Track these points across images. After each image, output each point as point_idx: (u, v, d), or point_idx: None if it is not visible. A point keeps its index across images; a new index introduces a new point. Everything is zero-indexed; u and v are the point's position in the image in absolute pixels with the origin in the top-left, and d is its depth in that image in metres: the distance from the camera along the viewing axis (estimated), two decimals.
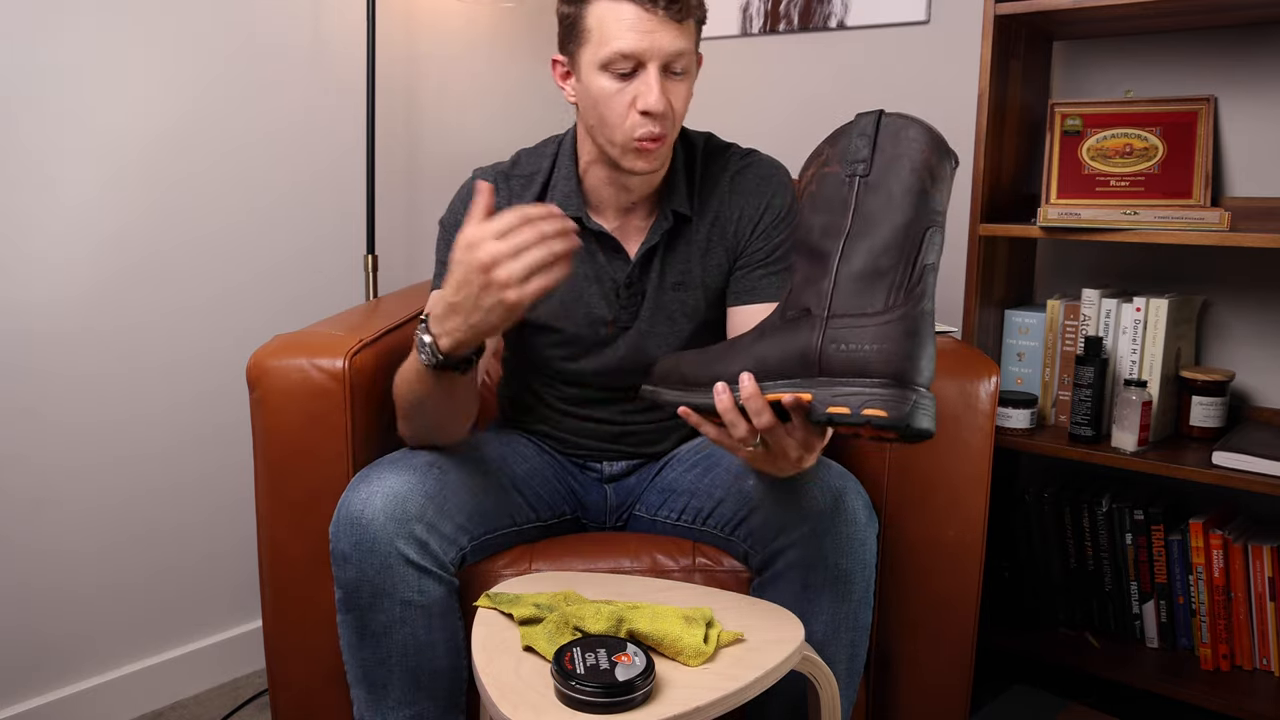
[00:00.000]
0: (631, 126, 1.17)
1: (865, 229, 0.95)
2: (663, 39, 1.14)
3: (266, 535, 1.28)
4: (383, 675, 1.13)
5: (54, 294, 1.57)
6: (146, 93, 1.64)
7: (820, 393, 0.92)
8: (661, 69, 1.16)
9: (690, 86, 1.22)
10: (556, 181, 1.30)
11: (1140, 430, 1.56)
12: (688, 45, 1.17)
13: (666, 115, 1.17)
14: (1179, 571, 1.62)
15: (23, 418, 1.55)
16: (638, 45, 1.14)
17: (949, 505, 1.29)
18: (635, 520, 1.37)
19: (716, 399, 0.98)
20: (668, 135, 1.19)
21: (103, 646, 1.68)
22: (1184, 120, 1.63)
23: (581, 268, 1.30)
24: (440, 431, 1.20)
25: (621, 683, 0.87)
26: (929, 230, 0.93)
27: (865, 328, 0.91)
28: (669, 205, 1.28)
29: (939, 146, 0.96)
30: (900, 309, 0.91)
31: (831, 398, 0.91)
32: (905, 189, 0.94)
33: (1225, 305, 1.69)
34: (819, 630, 1.13)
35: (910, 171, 0.95)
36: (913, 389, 0.89)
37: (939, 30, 1.91)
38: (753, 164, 1.32)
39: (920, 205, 0.94)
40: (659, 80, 1.15)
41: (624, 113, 1.17)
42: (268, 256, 1.83)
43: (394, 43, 1.98)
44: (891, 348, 0.89)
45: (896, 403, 0.88)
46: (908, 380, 0.89)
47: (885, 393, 0.89)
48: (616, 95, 1.17)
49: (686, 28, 1.17)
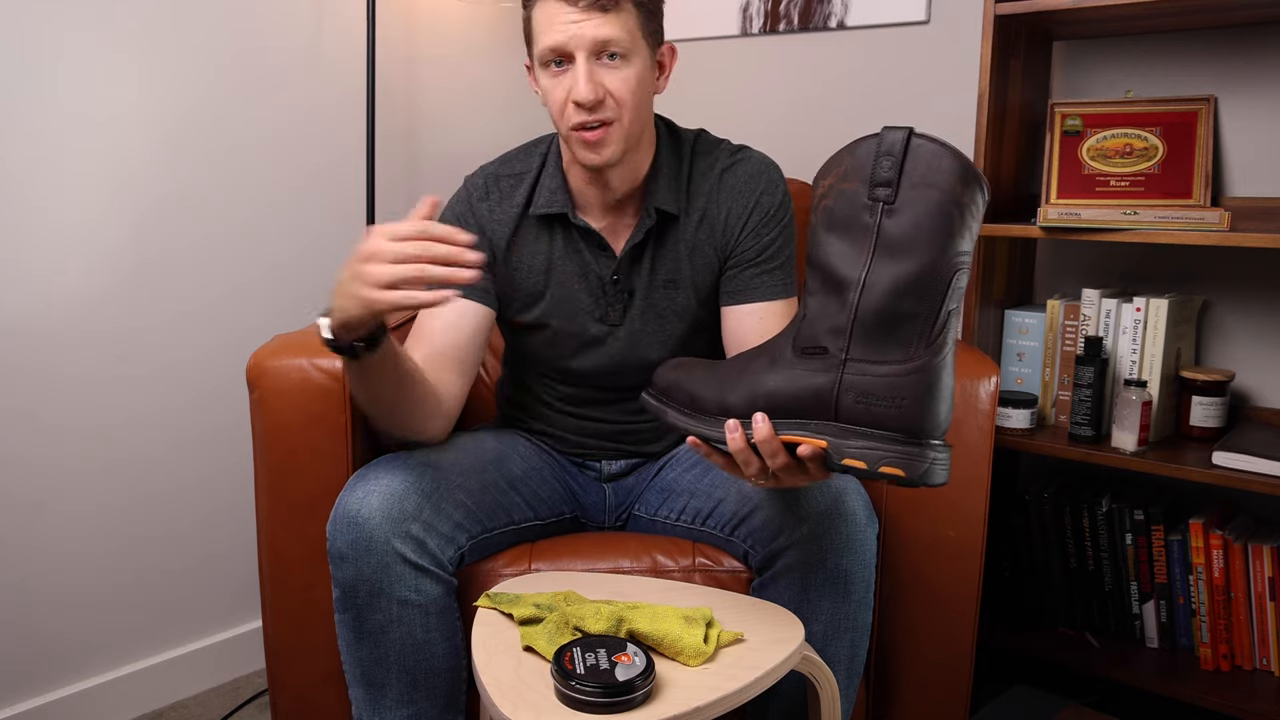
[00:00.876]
0: (568, 117, 1.19)
1: (887, 263, 0.91)
2: (586, 28, 1.16)
3: (266, 535, 1.28)
4: (381, 675, 1.13)
5: (54, 295, 1.57)
6: (147, 94, 1.64)
7: (836, 442, 0.91)
8: (593, 57, 1.17)
9: (636, 70, 1.20)
10: (544, 180, 1.31)
11: (1140, 430, 1.56)
12: (616, 32, 1.17)
13: (604, 102, 1.18)
14: (1179, 571, 1.62)
15: (22, 419, 1.55)
16: (559, 38, 1.17)
17: (949, 505, 1.29)
18: (635, 520, 1.37)
19: (729, 437, 0.97)
20: (614, 122, 1.19)
21: (103, 646, 1.68)
22: (1184, 120, 1.63)
23: (569, 265, 1.30)
24: (397, 425, 1.19)
25: (621, 683, 0.87)
26: (956, 274, 0.89)
27: (883, 378, 0.89)
28: (653, 203, 1.28)
29: (971, 179, 0.89)
30: (921, 359, 0.89)
31: (847, 449, 0.91)
32: (933, 226, 0.89)
33: (1225, 305, 1.69)
34: (819, 630, 1.13)
35: (939, 206, 0.89)
36: (929, 445, 0.88)
37: (939, 30, 1.91)
38: (742, 161, 1.31)
39: (947, 246, 0.89)
40: (586, 69, 1.17)
41: (562, 106, 1.20)
42: (268, 256, 1.83)
43: (394, 43, 1.98)
44: (910, 403, 0.88)
45: (913, 461, 0.88)
46: (924, 435, 0.88)
47: (901, 450, 0.88)
48: (555, 90, 1.20)
49: (619, 15, 1.17)
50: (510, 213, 1.31)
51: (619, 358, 1.32)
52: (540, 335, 1.33)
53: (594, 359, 1.33)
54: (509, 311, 1.33)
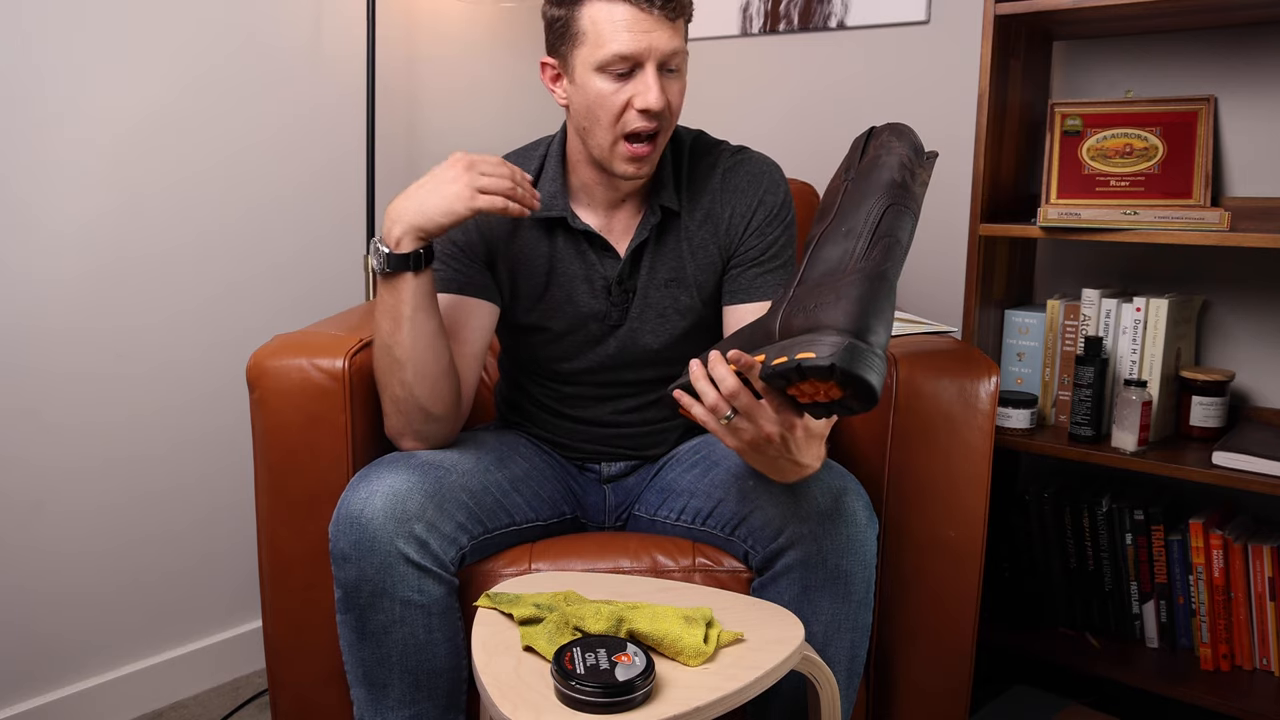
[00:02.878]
0: (627, 123, 1.18)
1: (842, 220, 1.03)
2: (659, 38, 1.15)
3: (266, 535, 1.28)
4: (383, 675, 1.13)
5: (54, 294, 1.57)
6: (147, 93, 1.64)
7: (771, 351, 0.95)
8: (658, 67, 1.17)
9: (684, 84, 1.23)
10: (543, 183, 1.30)
11: (1140, 430, 1.56)
12: (681, 44, 1.19)
13: (664, 113, 1.18)
14: (1179, 571, 1.62)
15: (22, 418, 1.55)
16: (635, 46, 1.14)
17: (949, 505, 1.28)
18: (635, 520, 1.37)
19: (690, 372, 1.02)
20: (662, 133, 1.21)
21: (102, 646, 1.68)
22: (1184, 120, 1.63)
23: (571, 267, 1.30)
24: (424, 390, 1.17)
25: (621, 683, 0.87)
26: (890, 207, 1.00)
27: (820, 290, 0.96)
28: (657, 200, 1.28)
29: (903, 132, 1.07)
30: (855, 272, 0.95)
31: (778, 352, 0.93)
32: (881, 181, 1.03)
33: (1225, 305, 1.69)
34: (819, 631, 1.13)
35: (885, 167, 1.03)
36: (855, 339, 0.89)
37: (939, 30, 1.91)
38: (744, 161, 1.32)
39: (890, 190, 1.02)
40: (658, 79, 1.16)
41: (618, 112, 1.18)
42: (268, 256, 1.83)
43: (394, 43, 1.98)
44: (839, 301, 0.92)
45: (831, 347, 0.89)
46: (852, 331, 0.90)
47: (824, 339, 0.90)
48: (613, 96, 1.17)
49: (679, 26, 1.18)
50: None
51: (616, 354, 1.32)
52: (539, 336, 1.33)
53: (592, 358, 1.33)
54: (509, 314, 1.33)
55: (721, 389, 0.99)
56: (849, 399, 0.91)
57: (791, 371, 0.90)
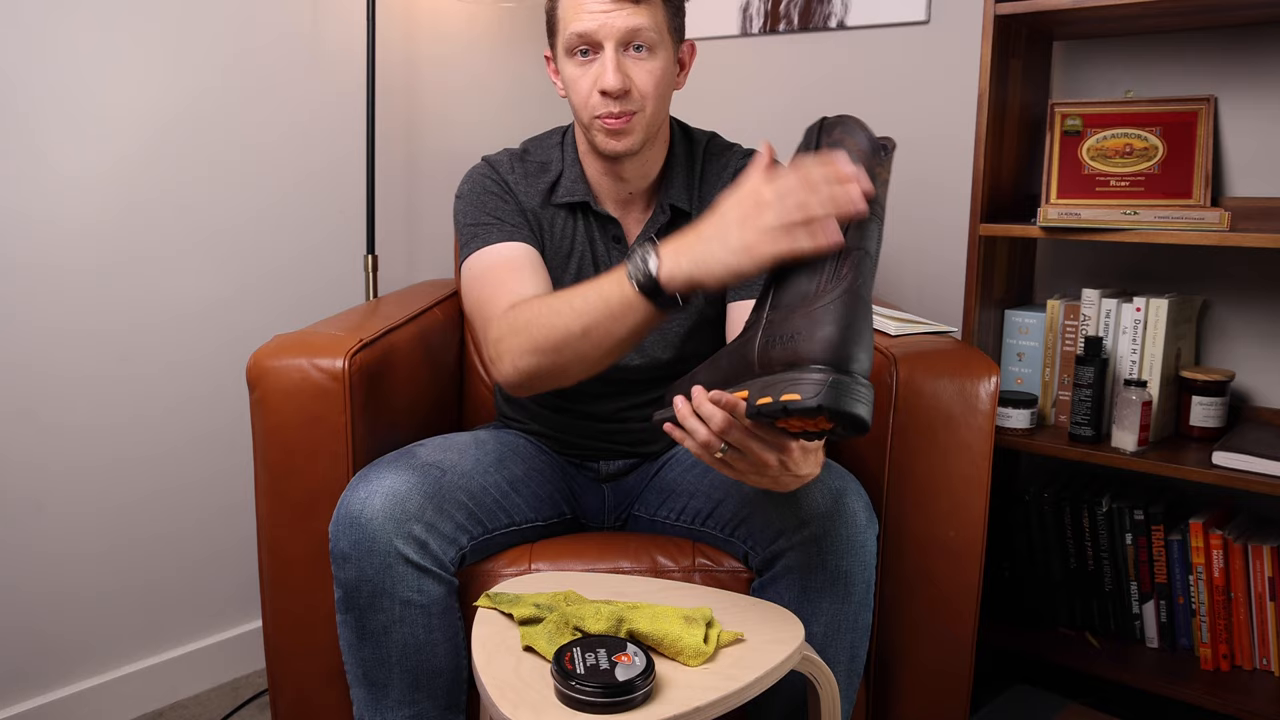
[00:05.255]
0: (593, 106, 1.21)
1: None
2: (615, 18, 1.18)
3: (266, 535, 1.28)
4: (383, 675, 1.13)
5: (53, 294, 1.57)
6: (146, 93, 1.64)
7: (754, 387, 0.92)
8: (620, 48, 1.19)
9: (661, 64, 1.22)
10: (564, 169, 1.33)
11: (1140, 430, 1.56)
12: (645, 22, 1.19)
13: (629, 93, 1.20)
14: (1179, 571, 1.62)
15: (22, 418, 1.55)
16: (589, 26, 1.18)
17: (949, 505, 1.28)
18: (634, 520, 1.37)
19: (676, 410, 0.97)
20: (637, 113, 1.21)
21: (103, 646, 1.68)
22: (1184, 120, 1.63)
23: (588, 254, 1.33)
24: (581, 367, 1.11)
25: (621, 683, 0.87)
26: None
27: (795, 317, 0.91)
28: (666, 199, 1.30)
29: (853, 127, 0.97)
30: (828, 295, 0.90)
31: (761, 390, 0.90)
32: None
33: (1225, 305, 1.69)
34: (819, 631, 1.13)
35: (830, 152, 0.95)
36: (838, 372, 0.87)
37: (939, 30, 1.91)
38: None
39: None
40: (614, 59, 1.18)
41: (587, 95, 1.21)
42: (268, 256, 1.83)
43: (394, 43, 1.98)
44: (817, 332, 0.89)
45: (815, 385, 0.86)
46: (834, 364, 0.87)
47: (808, 377, 0.87)
48: (581, 78, 1.21)
49: (649, 7, 1.19)
50: (537, 192, 1.33)
51: None
52: None
53: None
54: None
55: (711, 426, 0.95)
56: (839, 429, 0.90)
57: (778, 413, 0.89)
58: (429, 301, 1.61)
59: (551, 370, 1.11)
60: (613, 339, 1.06)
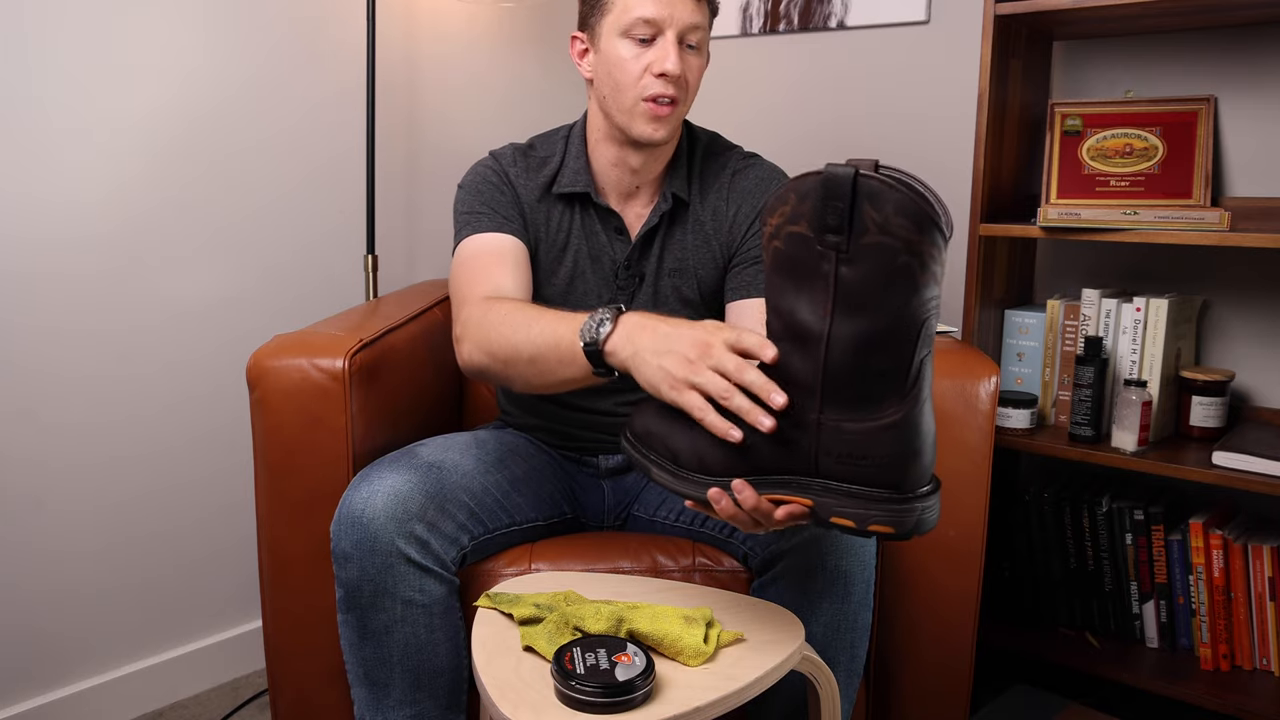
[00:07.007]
0: (644, 87, 1.24)
1: (850, 318, 0.85)
2: (682, 10, 1.23)
3: (266, 535, 1.28)
4: (384, 675, 1.13)
5: (53, 294, 1.57)
6: (145, 93, 1.64)
7: (821, 500, 0.90)
8: (678, 39, 1.23)
9: (703, 64, 1.29)
10: (568, 162, 1.35)
11: (1140, 430, 1.56)
12: (702, 21, 1.26)
13: (681, 82, 1.24)
14: (1179, 571, 1.62)
15: (22, 417, 1.55)
16: (658, 12, 1.22)
17: (949, 505, 1.28)
18: (634, 520, 1.37)
19: (715, 505, 0.93)
20: (679, 104, 1.26)
21: (102, 646, 1.68)
22: (1184, 120, 1.63)
23: (585, 246, 1.34)
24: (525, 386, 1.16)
25: (621, 683, 0.87)
26: (924, 323, 0.84)
27: (861, 435, 0.86)
28: (669, 188, 1.34)
29: (926, 225, 0.81)
30: (897, 412, 0.85)
31: (835, 508, 0.89)
32: (892, 280, 0.82)
33: (1225, 305, 1.69)
34: (819, 631, 1.13)
35: (896, 259, 0.82)
36: (915, 497, 0.87)
37: (939, 30, 1.91)
38: (753, 166, 1.37)
39: (910, 299, 0.83)
40: (676, 47, 1.23)
41: (638, 76, 1.24)
42: (268, 256, 1.83)
43: (394, 42, 1.98)
44: (891, 459, 0.85)
45: (902, 517, 0.86)
46: (909, 489, 0.87)
47: (888, 508, 0.86)
48: (633, 60, 1.24)
49: (704, 7, 1.26)
50: (537, 185, 1.35)
51: None
52: None
53: None
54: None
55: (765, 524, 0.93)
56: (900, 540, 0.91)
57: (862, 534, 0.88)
58: (429, 301, 1.61)
59: (498, 376, 1.17)
60: (554, 377, 1.09)
